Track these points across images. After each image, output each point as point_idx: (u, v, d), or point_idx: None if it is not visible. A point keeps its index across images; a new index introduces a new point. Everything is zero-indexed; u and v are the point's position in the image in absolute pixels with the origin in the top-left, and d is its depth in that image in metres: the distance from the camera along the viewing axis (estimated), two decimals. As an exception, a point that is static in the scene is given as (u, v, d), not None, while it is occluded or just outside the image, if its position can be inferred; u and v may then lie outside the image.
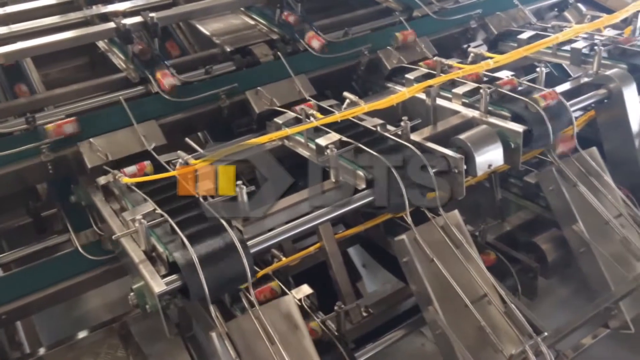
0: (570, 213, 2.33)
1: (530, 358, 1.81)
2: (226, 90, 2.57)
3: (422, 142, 2.23)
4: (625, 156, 2.65)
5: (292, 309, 1.77)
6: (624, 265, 2.26)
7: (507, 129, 2.25)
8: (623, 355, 2.76)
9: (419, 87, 2.42)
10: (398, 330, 2.29)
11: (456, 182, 2.13)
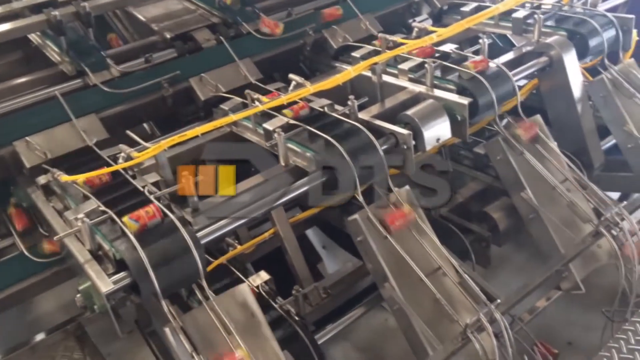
0: (518, 181, 2.38)
1: (485, 326, 1.85)
2: (168, 78, 2.50)
3: (371, 120, 2.22)
4: (569, 122, 2.71)
5: (248, 297, 1.75)
6: (572, 228, 2.33)
7: (452, 102, 2.27)
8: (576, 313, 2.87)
9: (363, 65, 2.40)
10: (358, 309, 2.30)
11: (406, 158, 2.14)
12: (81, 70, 2.48)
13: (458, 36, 2.99)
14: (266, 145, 2.14)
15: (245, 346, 1.62)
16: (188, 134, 1.96)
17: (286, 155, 2.07)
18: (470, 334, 1.84)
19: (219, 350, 1.63)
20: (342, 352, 2.92)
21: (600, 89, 2.71)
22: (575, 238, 2.29)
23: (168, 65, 2.60)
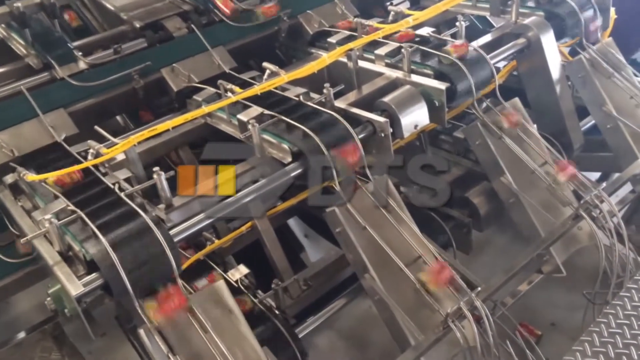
0: (497, 165, 2.36)
1: (466, 314, 1.83)
2: (139, 69, 2.43)
3: (347, 108, 2.18)
4: (548, 103, 2.70)
5: (224, 293, 1.71)
6: (552, 212, 2.32)
7: (430, 87, 2.24)
8: (559, 295, 2.88)
9: (338, 52, 2.35)
10: (339, 300, 2.28)
11: (383, 146, 2.11)
12: (48, 63, 2.40)
13: (435, 19, 2.96)
14: (241, 137, 2.09)
15: (222, 344, 1.59)
16: (158, 128, 1.90)
17: (261, 147, 2.03)
18: (451, 323, 1.82)
19: (196, 350, 1.60)
20: (327, 341, 2.91)
21: (579, 69, 2.69)
22: (555, 221, 2.28)
23: (138, 56, 2.52)
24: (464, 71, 2.26)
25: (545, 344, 2.52)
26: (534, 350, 2.20)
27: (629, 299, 1.94)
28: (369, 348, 2.82)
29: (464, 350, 1.85)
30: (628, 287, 2.00)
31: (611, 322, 1.88)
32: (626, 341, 1.83)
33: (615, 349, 1.80)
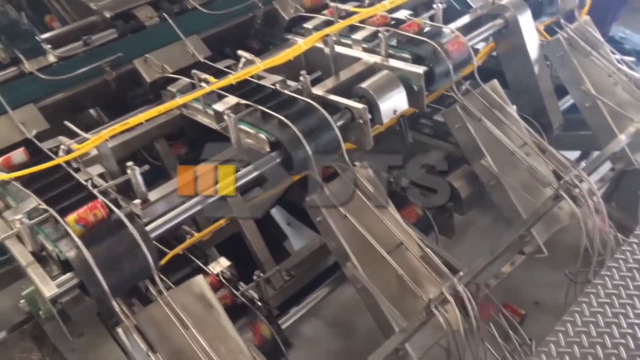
0: (477, 148, 2.35)
1: (448, 299, 1.83)
2: (110, 61, 2.36)
3: (325, 95, 2.15)
4: (527, 84, 2.69)
5: (204, 288, 1.69)
6: (533, 193, 2.33)
7: (408, 71, 2.21)
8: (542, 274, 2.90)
9: (314, 38, 2.31)
10: (323, 288, 2.27)
11: (362, 132, 2.08)
12: (15, 57, 2.32)
13: (413, 1, 2.92)
14: (217, 128, 2.05)
15: (204, 340, 1.57)
16: (130, 122, 1.86)
17: (238, 137, 1.99)
18: (434, 308, 1.82)
19: (177, 346, 1.57)
20: (312, 329, 2.90)
21: (557, 48, 2.68)
22: (536, 202, 2.29)
23: (109, 47, 2.45)
24: (442, 54, 2.24)
25: (530, 323, 2.54)
26: (517, 331, 2.22)
27: (609, 278, 1.95)
28: (355, 335, 2.82)
29: (448, 334, 1.86)
30: (609, 265, 2.00)
31: (593, 301, 1.89)
32: (608, 320, 1.84)
33: (597, 328, 1.81)
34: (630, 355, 1.73)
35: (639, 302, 1.88)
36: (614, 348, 1.75)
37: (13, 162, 1.88)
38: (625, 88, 2.65)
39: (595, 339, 1.78)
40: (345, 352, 2.78)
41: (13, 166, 1.88)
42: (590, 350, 1.75)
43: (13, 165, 1.88)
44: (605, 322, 1.82)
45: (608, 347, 1.76)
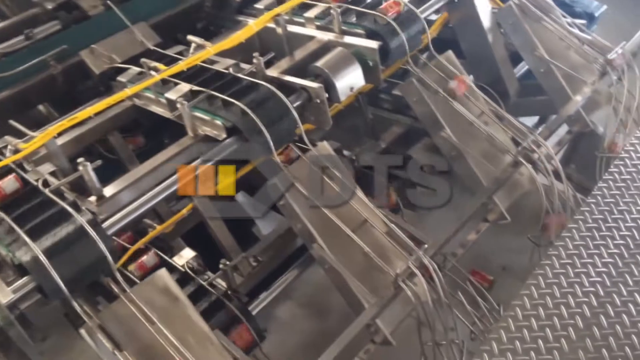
0: (436, 121, 2.35)
1: (415, 272, 1.85)
2: (55, 54, 2.27)
3: (280, 76, 2.12)
4: (481, 52, 2.70)
5: (168, 281, 1.66)
6: (493, 161, 2.35)
7: (362, 47, 2.19)
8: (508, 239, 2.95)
9: (265, 18, 2.26)
10: (291, 272, 2.27)
11: (321, 112, 2.06)
12: (-48, 57, 2.22)
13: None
14: (171, 116, 2.00)
15: (171, 334, 1.55)
16: (79, 117, 1.79)
17: (193, 125, 1.95)
18: (401, 283, 1.83)
19: (144, 343, 1.55)
20: (287, 311, 2.91)
21: (509, 15, 2.69)
22: (496, 170, 2.31)
23: (53, 40, 2.36)
24: (396, 28, 2.22)
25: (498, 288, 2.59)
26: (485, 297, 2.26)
27: (570, 239, 1.99)
28: (329, 313, 2.84)
29: (417, 307, 1.88)
30: (569, 227, 2.04)
31: (555, 263, 1.92)
32: (570, 280, 1.88)
33: (560, 289, 1.85)
34: (593, 312, 1.78)
35: (599, 260, 1.92)
36: (577, 307, 1.80)
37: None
38: (577, 51, 2.69)
39: (559, 300, 1.82)
40: (320, 332, 2.80)
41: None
42: (555, 310, 1.79)
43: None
44: (568, 283, 1.86)
45: (572, 307, 1.80)
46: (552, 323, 1.76)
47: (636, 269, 1.89)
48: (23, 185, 1.66)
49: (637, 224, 2.02)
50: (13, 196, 1.64)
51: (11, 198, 1.65)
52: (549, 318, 1.77)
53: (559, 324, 1.75)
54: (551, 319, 1.77)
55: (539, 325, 1.76)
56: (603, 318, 1.77)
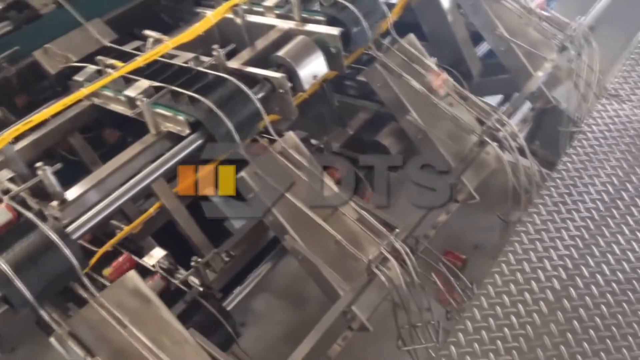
0: (401, 104, 2.36)
1: (388, 257, 1.86)
2: (7, 56, 2.20)
3: (241, 67, 2.09)
4: (443, 34, 2.71)
5: (138, 282, 1.63)
6: (459, 142, 2.37)
7: (324, 34, 2.18)
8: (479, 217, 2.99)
9: (223, 9, 2.22)
10: (265, 264, 2.25)
11: (285, 102, 2.04)
12: None
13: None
14: (131, 114, 1.95)
15: (144, 336, 1.52)
16: (34, 119, 1.74)
17: (155, 122, 1.91)
18: (374, 268, 1.84)
19: (117, 347, 1.52)
20: (264, 303, 2.90)
21: (468, -5, 2.70)
22: (463, 150, 2.33)
23: (4, 41, 2.28)
24: (357, 14, 2.21)
25: (472, 267, 2.62)
26: (458, 276, 2.28)
27: (537, 214, 2.03)
28: (306, 303, 2.84)
29: (392, 291, 1.89)
30: (535, 202, 2.08)
31: (524, 239, 1.96)
32: (539, 255, 1.91)
33: (530, 264, 1.88)
34: (562, 285, 1.82)
35: (566, 234, 1.96)
36: (547, 281, 1.83)
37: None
38: (536, 28, 2.72)
39: (529, 275, 1.85)
40: (298, 322, 2.80)
41: None
42: (526, 286, 1.82)
43: None
44: (537, 258, 1.90)
45: (542, 281, 1.83)
46: (524, 298, 1.79)
47: (602, 240, 1.94)
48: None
49: (601, 196, 2.07)
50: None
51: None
52: (520, 293, 1.80)
53: (531, 299, 1.78)
54: (522, 294, 1.80)
55: (511, 301, 1.79)
56: (572, 290, 1.81)
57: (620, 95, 2.44)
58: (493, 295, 1.80)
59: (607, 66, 2.72)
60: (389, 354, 2.19)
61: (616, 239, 1.94)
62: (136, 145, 1.90)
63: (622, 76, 2.52)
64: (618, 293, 1.80)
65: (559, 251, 1.92)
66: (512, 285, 1.82)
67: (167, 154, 1.84)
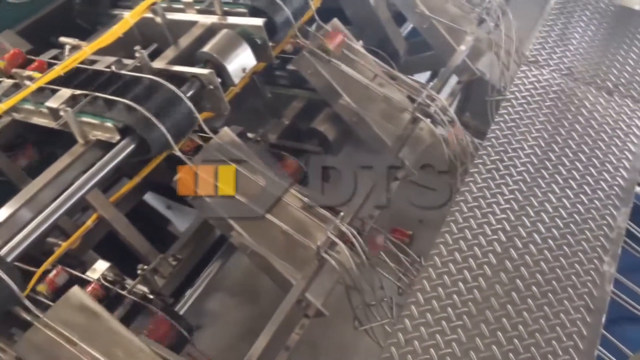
0: (333, 89, 2.38)
1: (336, 241, 1.88)
2: None
3: (167, 67, 2.04)
4: (366, 16, 2.75)
5: (83, 298, 1.58)
6: (393, 121, 2.41)
7: (248, 26, 2.15)
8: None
9: (140, 9, 2.15)
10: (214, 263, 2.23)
11: (216, 98, 2.02)
12: None
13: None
14: (56, 126, 1.87)
15: (96, 351, 1.48)
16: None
17: (83, 132, 1.84)
18: (323, 254, 1.86)
19: (69, 366, 1.47)
20: (218, 302, 2.87)
21: (385, -22, 2.74)
22: (397, 129, 2.38)
23: None
24: (279, 2, 2.20)
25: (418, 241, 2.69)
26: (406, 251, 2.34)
27: (473, 183, 2.10)
28: (261, 297, 2.83)
29: (343, 274, 1.91)
30: (471, 171, 2.15)
31: (463, 207, 2.03)
32: (479, 221, 1.98)
33: (471, 231, 1.95)
34: (503, 247, 1.90)
35: (502, 198, 2.05)
36: (488, 245, 1.91)
37: None
38: (454, 3, 2.79)
39: (471, 241, 1.92)
40: (255, 317, 2.79)
41: None
42: (469, 252, 1.89)
43: None
44: (477, 224, 1.97)
45: (484, 246, 1.91)
46: (469, 264, 1.86)
47: (535, 201, 2.04)
48: None
49: (530, 158, 2.17)
50: None
51: None
52: (465, 260, 1.87)
53: (475, 265, 1.85)
54: (467, 261, 1.87)
55: (457, 268, 1.85)
56: (513, 251, 1.89)
57: (538, 61, 2.55)
58: (440, 265, 1.86)
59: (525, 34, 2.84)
60: (347, 336, 2.23)
61: (548, 198, 2.04)
62: (65, 158, 1.83)
63: (538, 43, 2.64)
64: (554, 249, 1.90)
65: (497, 215, 2.00)
66: (457, 253, 1.89)
67: (98, 163, 1.78)
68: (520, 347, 1.66)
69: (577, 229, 1.94)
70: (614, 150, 2.18)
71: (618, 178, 2.10)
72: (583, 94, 2.40)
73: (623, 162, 2.15)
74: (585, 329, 1.70)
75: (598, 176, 2.10)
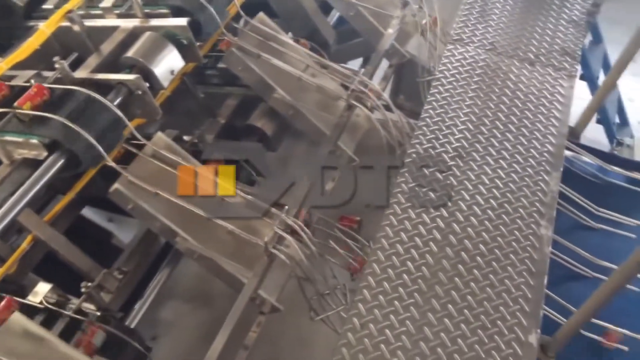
0: (266, 84, 2.36)
1: (283, 235, 1.88)
2: None
3: (90, 76, 1.97)
4: (292, 8, 2.74)
5: (26, 324, 1.51)
6: (329, 110, 2.42)
7: (172, 27, 2.11)
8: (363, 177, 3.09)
9: (55, 18, 2.07)
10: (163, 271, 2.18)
11: (146, 103, 1.97)
12: None
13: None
14: (-24, 150, 1.78)
15: (45, 377, 1.43)
16: None
17: (7, 151, 1.76)
18: (272, 249, 1.85)
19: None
20: (172, 310, 2.80)
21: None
22: (334, 117, 2.39)
23: None
24: (201, 1, 2.16)
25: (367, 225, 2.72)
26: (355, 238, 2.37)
27: (412, 163, 2.14)
28: (214, 300, 2.79)
29: (294, 268, 1.92)
30: (409, 152, 2.19)
31: (404, 188, 2.07)
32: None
33: (414, 210, 1.99)
34: (445, 222, 1.95)
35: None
36: (432, 222, 1.96)
37: None
38: (378, -12, 2.82)
39: (416, 220, 1.97)
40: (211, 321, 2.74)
41: None
42: (415, 231, 1.93)
43: None
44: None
45: (428, 223, 1.96)
46: (415, 243, 1.90)
47: (472, 174, 2.10)
48: None
49: (463, 134, 2.23)
50: None
51: None
52: (411, 239, 1.91)
53: (421, 242, 1.90)
54: (413, 239, 1.91)
55: (404, 248, 1.89)
56: (455, 225, 1.95)
57: (463, 39, 2.62)
58: (387, 247, 1.89)
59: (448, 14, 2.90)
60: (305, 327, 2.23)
61: (484, 170, 2.10)
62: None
63: (461, 21, 2.71)
64: (494, 219, 1.97)
65: (438, 192, 2.05)
66: (402, 233, 1.92)
67: (27, 183, 1.71)
68: (470, 316, 1.71)
69: (514, 197, 2.02)
70: (540, 119, 2.28)
71: (547, 144, 2.19)
72: (507, 67, 2.48)
73: (550, 129, 2.24)
74: (530, 291, 1.77)
75: (528, 144, 2.19)
